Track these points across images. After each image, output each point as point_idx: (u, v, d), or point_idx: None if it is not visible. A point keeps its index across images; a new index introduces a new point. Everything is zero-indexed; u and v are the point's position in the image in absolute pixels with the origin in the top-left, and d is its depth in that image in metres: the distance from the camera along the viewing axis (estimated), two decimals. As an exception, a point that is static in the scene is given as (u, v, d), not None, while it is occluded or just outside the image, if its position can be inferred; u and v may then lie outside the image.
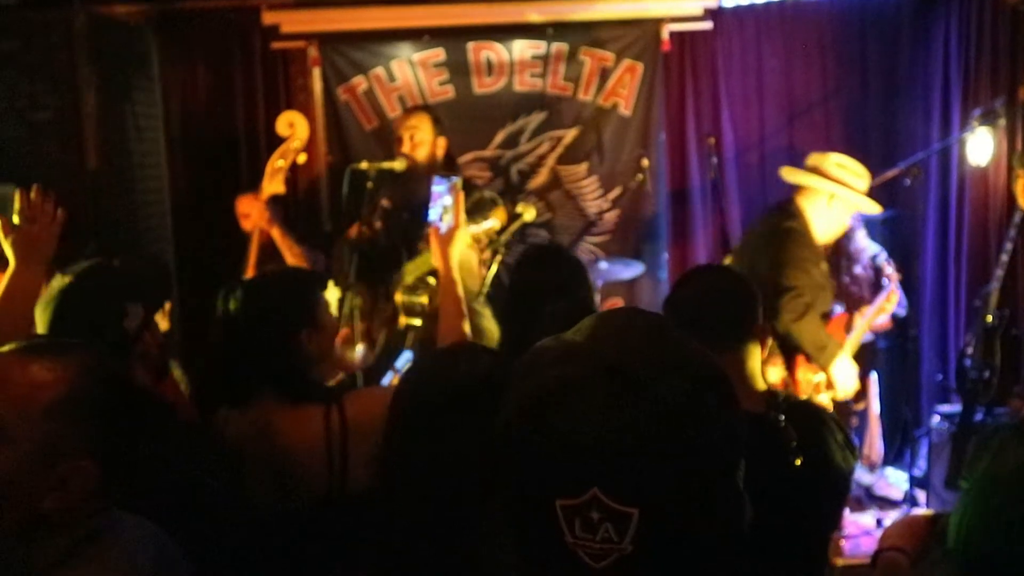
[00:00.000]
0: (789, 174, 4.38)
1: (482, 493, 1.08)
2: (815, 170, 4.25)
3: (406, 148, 4.39)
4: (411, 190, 4.37)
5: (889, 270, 4.63)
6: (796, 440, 2.11)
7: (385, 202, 4.47)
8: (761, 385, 2.41)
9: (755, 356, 2.41)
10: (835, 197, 4.20)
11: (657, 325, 1.03)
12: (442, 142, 4.49)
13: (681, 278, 2.58)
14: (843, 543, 4.64)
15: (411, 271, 4.32)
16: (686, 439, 0.93)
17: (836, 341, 4.14)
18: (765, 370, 3.74)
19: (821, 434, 2.33)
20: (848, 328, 4.43)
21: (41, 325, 2.28)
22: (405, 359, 3.62)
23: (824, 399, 4.11)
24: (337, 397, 2.36)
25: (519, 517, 0.98)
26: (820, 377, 4.11)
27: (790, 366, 4.09)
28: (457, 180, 3.06)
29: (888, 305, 4.52)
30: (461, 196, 3.02)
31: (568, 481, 0.92)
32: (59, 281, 2.32)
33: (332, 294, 2.54)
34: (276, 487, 2.30)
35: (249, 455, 2.28)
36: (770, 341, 3.90)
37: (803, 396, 3.96)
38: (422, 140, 4.44)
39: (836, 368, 4.10)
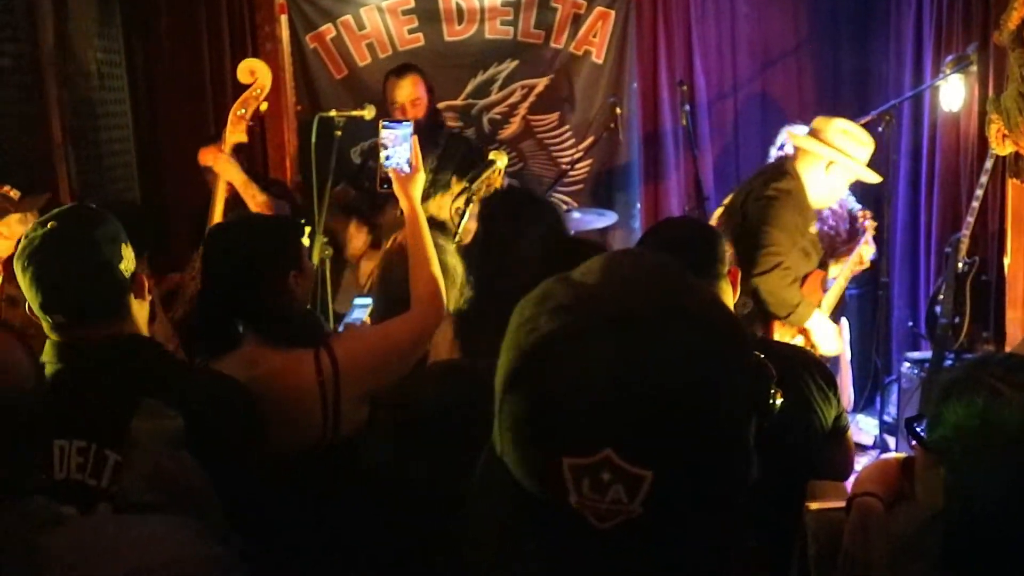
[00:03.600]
0: (792, 137, 4.31)
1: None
2: (816, 135, 4.16)
3: (410, 115, 4.45)
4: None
5: (865, 221, 4.58)
6: (776, 379, 2.08)
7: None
8: None
9: (728, 295, 2.47)
10: (834, 164, 4.10)
11: (667, 269, 0.96)
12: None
13: (648, 230, 2.75)
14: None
15: None
16: (705, 392, 0.86)
17: (808, 300, 4.05)
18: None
19: (800, 375, 2.34)
20: (824, 284, 4.35)
21: (24, 279, 2.03)
22: (362, 304, 3.54)
23: None
24: (323, 340, 2.33)
25: (518, 474, 0.91)
26: (799, 340, 4.06)
27: (767, 330, 4.04)
28: (411, 124, 3.05)
29: (866, 253, 4.46)
30: (415, 138, 2.99)
31: (578, 440, 0.85)
32: (37, 230, 2.04)
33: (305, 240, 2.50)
34: (271, 433, 2.24)
35: None
36: (750, 304, 3.90)
37: None
38: (419, 101, 4.61)
39: (813, 326, 4.01)
